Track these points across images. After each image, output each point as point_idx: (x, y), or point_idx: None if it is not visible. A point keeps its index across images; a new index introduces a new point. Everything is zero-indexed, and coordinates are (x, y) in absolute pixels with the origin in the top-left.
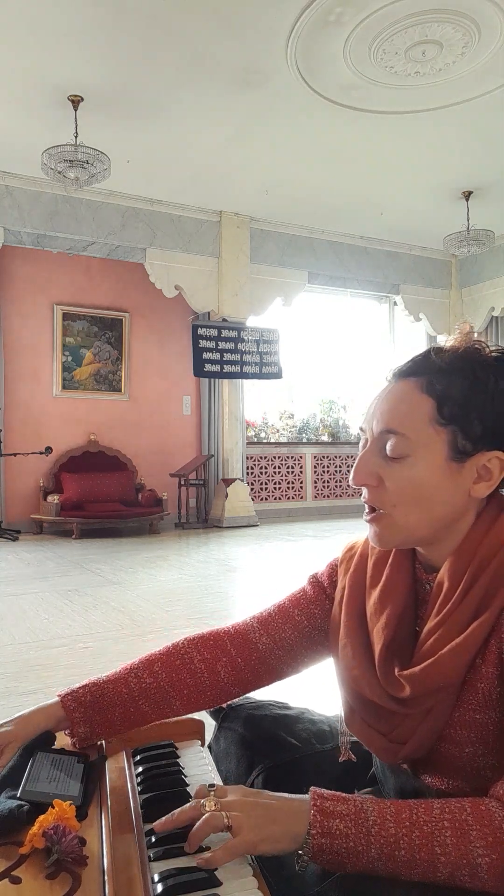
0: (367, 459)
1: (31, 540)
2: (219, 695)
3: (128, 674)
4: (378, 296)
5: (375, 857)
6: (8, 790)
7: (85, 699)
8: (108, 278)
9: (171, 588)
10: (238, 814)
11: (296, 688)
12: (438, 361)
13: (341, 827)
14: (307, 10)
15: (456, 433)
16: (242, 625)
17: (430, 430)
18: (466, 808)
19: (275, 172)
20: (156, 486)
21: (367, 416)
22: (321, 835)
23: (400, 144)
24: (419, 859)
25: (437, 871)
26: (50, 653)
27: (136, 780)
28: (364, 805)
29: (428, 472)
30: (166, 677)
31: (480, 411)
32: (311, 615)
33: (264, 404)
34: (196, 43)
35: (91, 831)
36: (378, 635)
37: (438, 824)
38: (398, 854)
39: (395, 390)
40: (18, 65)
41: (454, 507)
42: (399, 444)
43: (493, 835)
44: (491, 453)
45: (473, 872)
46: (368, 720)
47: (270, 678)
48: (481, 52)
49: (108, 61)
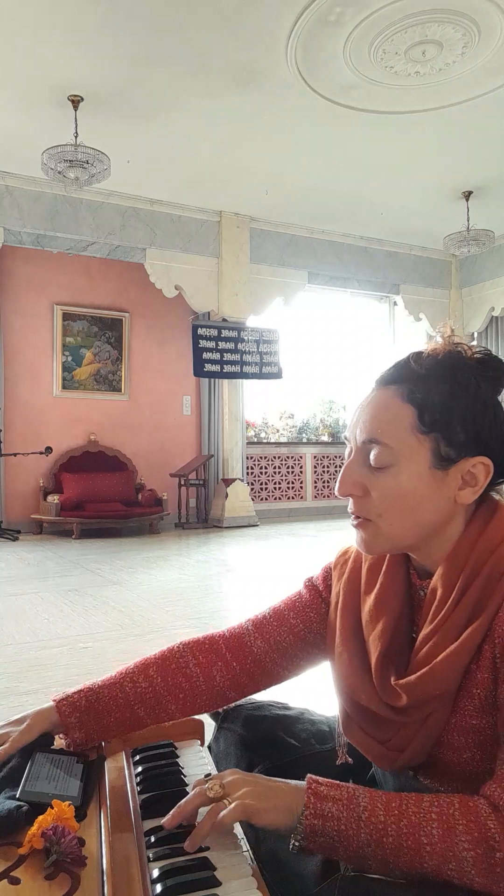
0: (351, 469)
1: (31, 540)
2: (215, 699)
3: (123, 678)
4: (378, 296)
5: (365, 842)
6: (7, 790)
7: (80, 704)
8: (108, 278)
9: (171, 588)
10: (243, 788)
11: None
12: (418, 368)
13: (333, 810)
14: (307, 10)
15: (438, 441)
16: (238, 628)
17: (412, 438)
18: (455, 804)
19: (275, 172)
20: (156, 486)
21: (351, 424)
22: (314, 816)
23: (400, 144)
24: (406, 847)
25: (424, 861)
26: (50, 653)
27: (135, 780)
28: (356, 792)
29: (412, 480)
30: (161, 682)
31: (462, 417)
32: (306, 619)
33: (264, 404)
34: (196, 43)
35: (90, 832)
36: (374, 644)
37: (426, 816)
38: (386, 840)
39: (377, 399)
40: (18, 65)
41: (440, 513)
42: (382, 453)
43: (478, 831)
44: (475, 459)
45: (460, 867)
46: (365, 728)
47: (267, 682)
48: (481, 53)
49: (108, 61)
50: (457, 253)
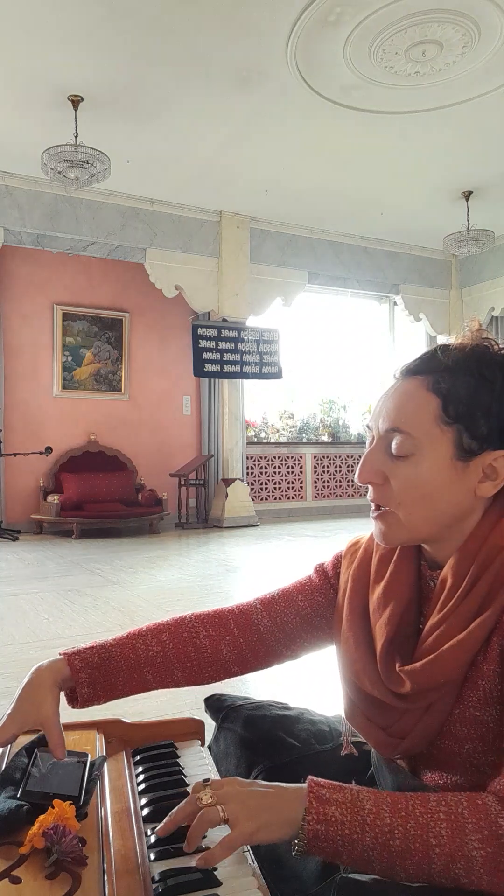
0: (372, 457)
1: (31, 540)
2: (219, 671)
3: (135, 639)
4: (378, 296)
5: (370, 846)
6: (8, 790)
7: (92, 660)
8: (108, 278)
9: (171, 588)
10: (234, 805)
11: (295, 688)
12: (445, 360)
13: (337, 814)
14: (307, 10)
15: (461, 432)
16: (246, 605)
17: (435, 428)
18: (463, 802)
19: (275, 172)
20: (156, 486)
21: (374, 413)
22: (317, 821)
23: (400, 144)
24: (413, 849)
25: (432, 863)
26: (50, 653)
27: (136, 780)
28: (360, 794)
29: (433, 470)
30: (173, 648)
31: (486, 410)
32: (314, 602)
33: (264, 404)
34: (196, 43)
35: (91, 831)
36: (380, 631)
37: (434, 816)
38: (393, 843)
39: (402, 388)
40: (18, 65)
41: (459, 505)
42: (404, 442)
43: (488, 829)
44: (497, 452)
45: (469, 866)
46: (369, 714)
47: (269, 660)
48: (481, 53)
49: (108, 61)
50: (457, 253)
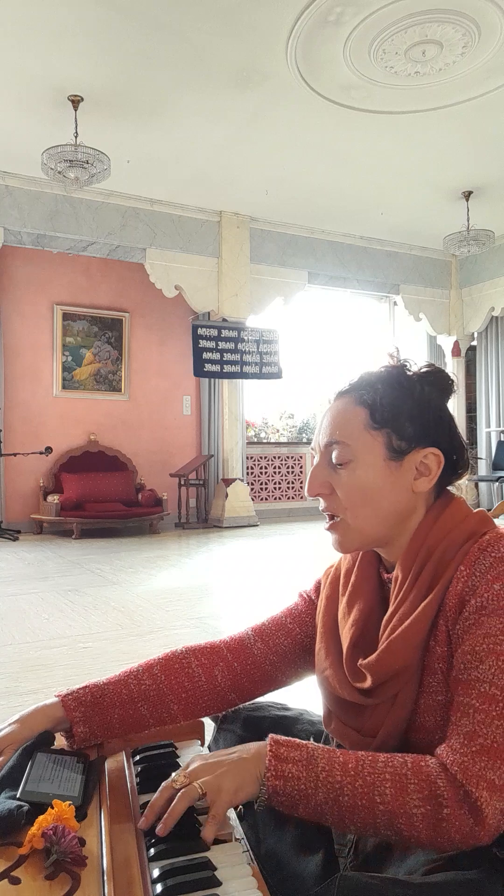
0: (318, 471)
1: (31, 540)
2: (216, 700)
3: (127, 676)
4: (378, 296)
5: (322, 801)
6: (7, 790)
7: (85, 699)
8: (108, 278)
9: (171, 588)
10: (207, 778)
11: (295, 690)
12: (369, 378)
13: (294, 771)
14: (307, 10)
15: (390, 434)
16: (238, 634)
17: (366, 435)
18: (408, 764)
19: (275, 172)
20: (156, 486)
21: (315, 434)
22: (275, 777)
23: (400, 144)
24: (360, 806)
25: (377, 818)
26: (50, 653)
27: (135, 779)
28: (315, 752)
29: (370, 473)
30: (165, 680)
31: (409, 413)
32: (302, 623)
33: (264, 404)
34: (196, 43)
35: (90, 831)
36: (346, 635)
37: (380, 776)
38: (342, 800)
39: (335, 407)
40: (18, 65)
41: (400, 503)
42: (342, 451)
43: (428, 789)
44: (426, 450)
45: (410, 822)
46: (343, 718)
47: (267, 686)
48: (481, 52)
49: (108, 61)
50: (457, 253)
